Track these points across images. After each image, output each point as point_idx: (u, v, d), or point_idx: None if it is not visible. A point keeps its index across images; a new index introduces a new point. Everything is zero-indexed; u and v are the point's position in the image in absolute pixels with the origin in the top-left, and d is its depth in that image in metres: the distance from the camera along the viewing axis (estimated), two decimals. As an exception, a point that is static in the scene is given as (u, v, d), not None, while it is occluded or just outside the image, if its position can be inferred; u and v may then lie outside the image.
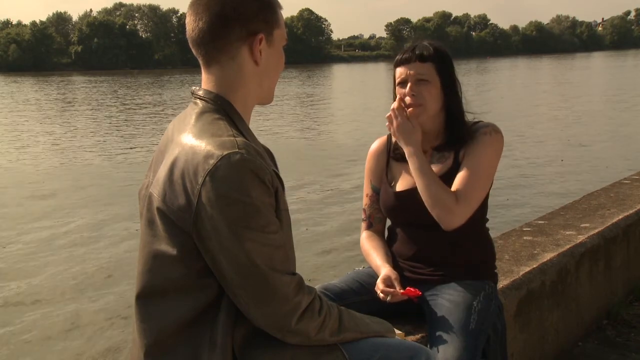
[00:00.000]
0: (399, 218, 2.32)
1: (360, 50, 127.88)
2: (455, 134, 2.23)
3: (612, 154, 14.59)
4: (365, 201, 2.43)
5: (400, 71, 2.22)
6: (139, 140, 19.31)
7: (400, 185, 2.31)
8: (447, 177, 2.20)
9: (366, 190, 2.43)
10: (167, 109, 29.54)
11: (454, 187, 2.15)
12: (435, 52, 2.19)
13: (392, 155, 2.36)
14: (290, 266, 1.54)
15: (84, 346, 5.71)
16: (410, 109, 2.19)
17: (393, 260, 2.30)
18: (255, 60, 1.58)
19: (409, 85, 2.19)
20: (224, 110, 1.56)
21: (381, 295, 2.13)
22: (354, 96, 35.98)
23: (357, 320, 1.68)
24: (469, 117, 2.29)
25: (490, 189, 2.25)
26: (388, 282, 2.15)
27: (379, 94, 32.82)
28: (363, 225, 2.44)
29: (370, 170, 2.41)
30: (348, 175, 12.62)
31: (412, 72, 2.18)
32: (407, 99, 2.19)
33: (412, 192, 2.26)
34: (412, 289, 2.10)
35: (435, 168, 2.22)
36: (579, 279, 3.24)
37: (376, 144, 2.43)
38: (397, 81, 2.23)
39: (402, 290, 2.11)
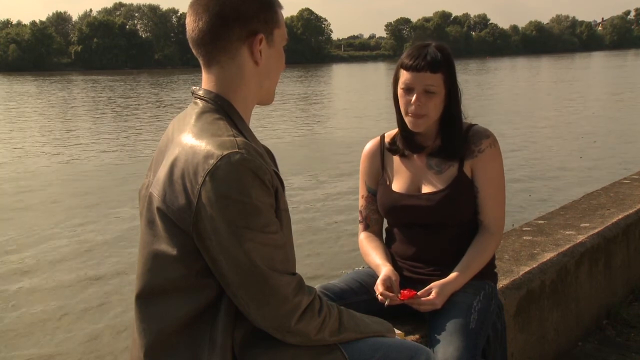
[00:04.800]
0: (398, 219, 2.32)
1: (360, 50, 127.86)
2: (452, 139, 2.24)
3: (620, 153, 14.61)
4: (361, 203, 2.43)
5: (407, 77, 2.18)
6: (139, 139, 19.31)
7: (398, 185, 2.31)
8: (454, 187, 2.21)
9: (362, 191, 2.43)
10: (168, 108, 29.54)
11: (484, 216, 2.23)
12: (445, 61, 2.18)
13: (387, 148, 2.36)
14: (290, 266, 1.54)
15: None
16: (411, 118, 2.20)
17: (392, 260, 2.30)
18: (255, 60, 1.58)
19: (415, 95, 2.17)
20: (224, 110, 1.56)
21: (380, 297, 2.13)
22: (355, 95, 35.96)
23: (357, 320, 1.68)
24: (465, 117, 2.31)
25: None
26: (388, 283, 2.15)
27: (379, 93, 32.84)
28: (360, 226, 2.45)
29: (365, 172, 2.41)
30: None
31: (421, 81, 2.16)
32: (412, 108, 2.19)
33: (411, 192, 2.27)
34: (407, 292, 2.10)
35: (437, 177, 2.24)
36: (578, 278, 3.24)
37: (369, 145, 2.42)
38: (402, 85, 2.21)
39: (399, 296, 2.11)
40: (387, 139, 2.38)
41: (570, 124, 20.23)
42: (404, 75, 2.20)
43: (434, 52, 2.17)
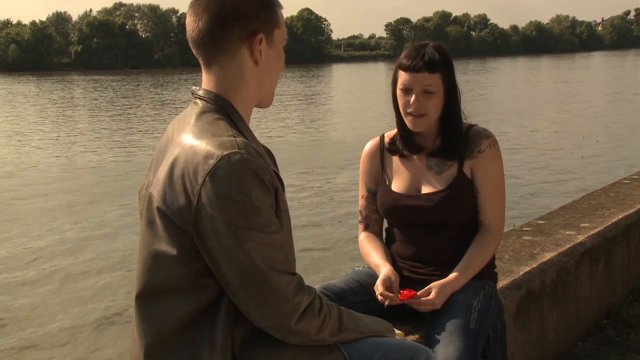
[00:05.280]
0: (398, 218, 2.33)
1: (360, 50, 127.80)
2: (451, 139, 2.24)
3: (620, 153, 14.61)
4: (361, 203, 2.43)
5: (405, 77, 2.19)
6: (139, 138, 19.31)
7: (398, 185, 2.31)
8: (454, 188, 2.21)
9: (362, 192, 2.43)
10: (168, 108, 29.55)
11: (484, 216, 2.23)
12: (443, 61, 2.18)
13: (387, 148, 2.36)
14: (290, 266, 1.54)
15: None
16: (411, 118, 2.20)
17: (392, 260, 2.30)
18: (255, 60, 1.58)
19: (414, 95, 2.18)
20: (224, 110, 1.56)
21: (380, 297, 2.13)
22: (355, 95, 35.98)
23: (357, 320, 1.68)
24: (465, 117, 2.31)
25: None
26: (388, 283, 2.15)
27: (379, 93, 32.86)
28: (360, 226, 2.45)
29: (364, 172, 2.41)
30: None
31: (419, 82, 2.16)
32: (411, 109, 2.19)
33: (411, 193, 2.27)
34: (407, 292, 2.10)
35: (437, 177, 2.24)
36: (578, 278, 3.24)
37: (369, 145, 2.42)
38: (400, 86, 2.21)
39: (399, 296, 2.11)
40: (386, 139, 2.39)
41: (570, 124, 20.24)
42: (402, 76, 2.20)
43: (432, 52, 2.17)
